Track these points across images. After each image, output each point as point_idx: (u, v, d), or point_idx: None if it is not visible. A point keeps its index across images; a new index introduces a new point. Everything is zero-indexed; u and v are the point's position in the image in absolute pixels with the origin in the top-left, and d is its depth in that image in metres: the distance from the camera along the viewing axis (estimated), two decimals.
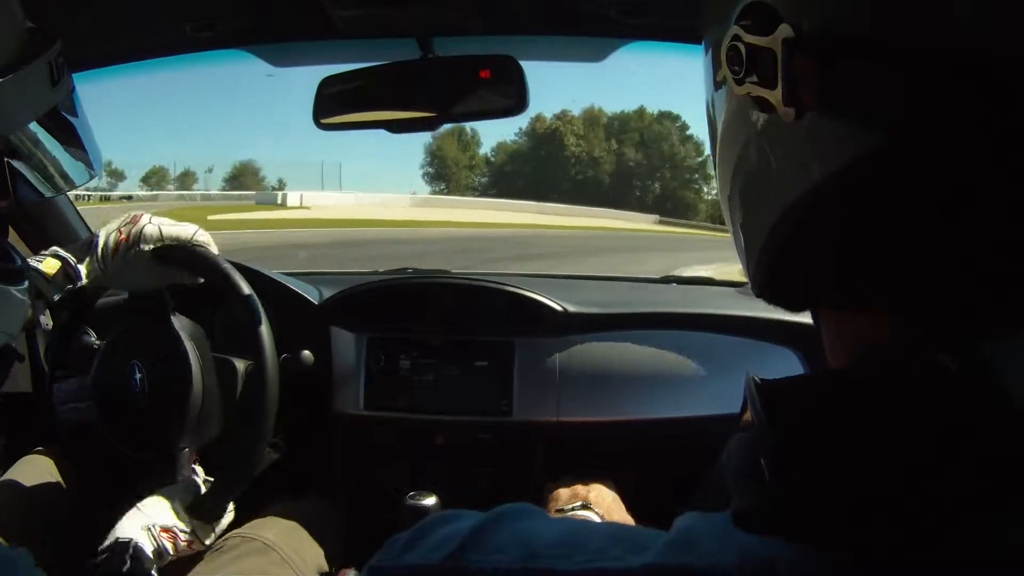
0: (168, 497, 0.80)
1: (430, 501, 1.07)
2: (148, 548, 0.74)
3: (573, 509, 0.81)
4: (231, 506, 0.85)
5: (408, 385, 1.04)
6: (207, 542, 0.82)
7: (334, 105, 0.94)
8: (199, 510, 0.81)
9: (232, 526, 0.87)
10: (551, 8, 0.87)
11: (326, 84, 0.94)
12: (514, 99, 0.89)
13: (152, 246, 0.83)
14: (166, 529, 0.76)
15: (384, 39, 0.94)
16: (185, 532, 0.78)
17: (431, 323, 1.06)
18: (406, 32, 0.91)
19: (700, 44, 0.44)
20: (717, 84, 0.31)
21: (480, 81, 0.90)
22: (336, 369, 1.05)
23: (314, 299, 1.08)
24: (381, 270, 1.29)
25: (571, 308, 1.03)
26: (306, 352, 1.00)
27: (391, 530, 1.16)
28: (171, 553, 0.77)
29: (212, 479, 0.86)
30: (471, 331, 1.04)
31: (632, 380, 0.99)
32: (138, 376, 0.89)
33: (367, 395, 1.04)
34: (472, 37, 0.94)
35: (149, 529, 0.75)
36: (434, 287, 1.09)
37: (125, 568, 0.72)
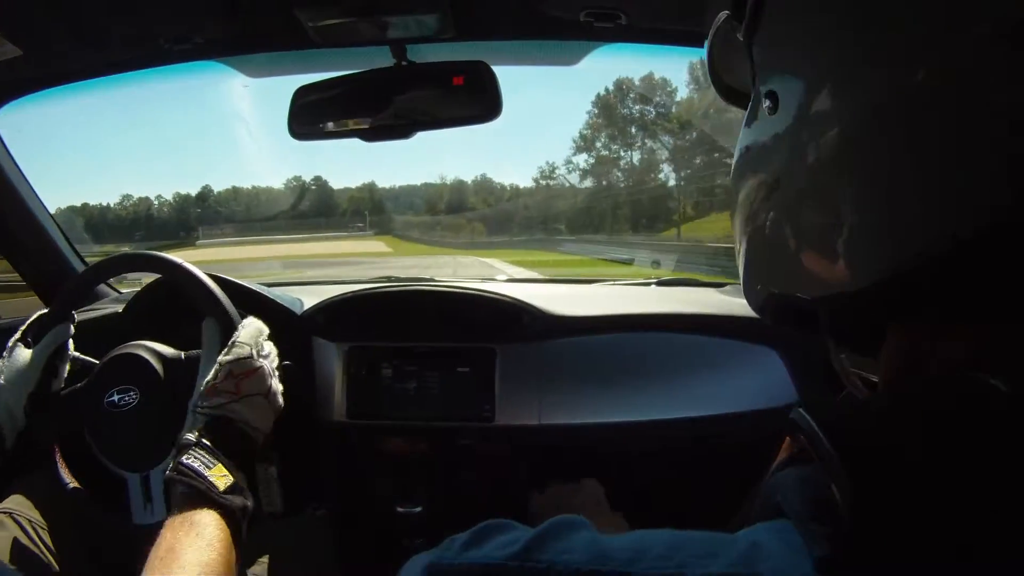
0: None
1: (417, 509, 1.07)
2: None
3: None
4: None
5: (390, 393, 1.04)
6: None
7: (309, 115, 0.94)
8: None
9: None
10: (522, 14, 0.87)
11: (301, 94, 0.94)
12: (487, 105, 0.89)
13: None
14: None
15: (358, 48, 0.95)
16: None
17: (412, 331, 1.06)
18: (379, 40, 0.91)
19: (669, 45, 0.43)
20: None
21: (453, 88, 0.90)
22: (318, 379, 1.05)
23: (295, 310, 1.08)
24: (364, 279, 1.29)
25: (551, 312, 1.03)
26: (288, 363, 1.00)
27: (380, 537, 1.15)
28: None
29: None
30: (452, 338, 1.04)
31: (613, 383, 0.99)
32: (132, 395, 0.88)
33: (349, 404, 1.04)
34: (445, 44, 0.94)
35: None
36: (415, 295, 1.09)
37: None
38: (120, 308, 1.06)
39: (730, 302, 1.11)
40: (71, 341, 0.90)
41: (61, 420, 0.89)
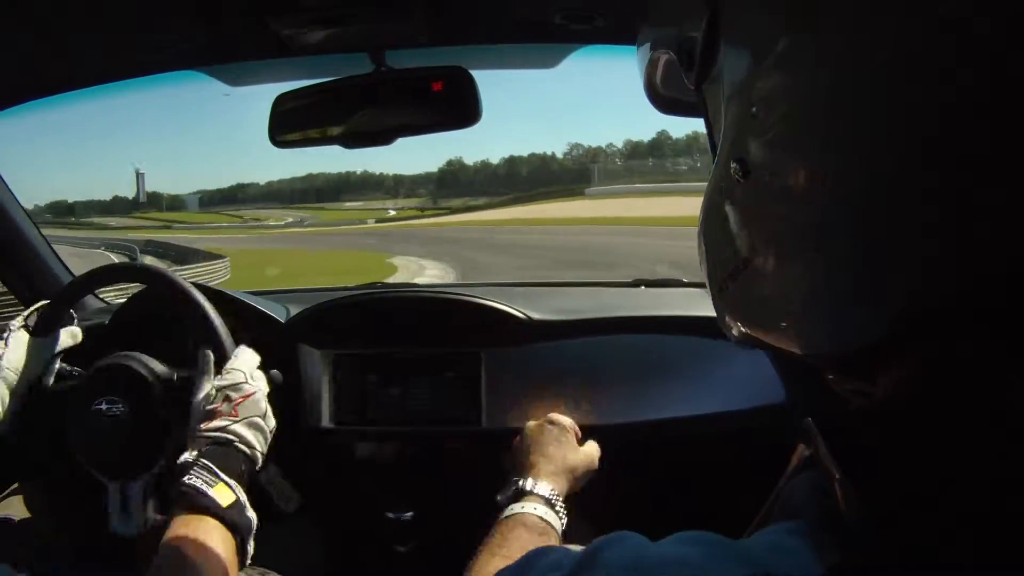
0: None
1: (407, 515, 1.07)
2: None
3: None
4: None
5: (376, 399, 1.04)
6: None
7: (289, 122, 0.94)
8: None
9: None
10: (498, 18, 0.87)
11: (280, 101, 0.94)
12: (466, 110, 0.88)
13: None
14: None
15: (336, 55, 0.94)
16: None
17: (398, 337, 1.05)
18: (357, 47, 0.91)
19: None
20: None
21: (432, 93, 0.90)
22: (305, 387, 1.05)
23: (281, 317, 1.08)
24: (351, 285, 1.29)
25: (535, 316, 1.03)
26: (275, 371, 1.00)
27: (370, 543, 1.15)
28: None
29: None
30: (437, 343, 1.04)
31: (599, 385, 0.99)
32: (119, 406, 0.89)
33: (335, 411, 1.04)
34: (424, 49, 0.94)
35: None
36: (399, 301, 1.09)
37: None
38: (106, 320, 1.07)
39: None
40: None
41: (48, 415, 0.91)
